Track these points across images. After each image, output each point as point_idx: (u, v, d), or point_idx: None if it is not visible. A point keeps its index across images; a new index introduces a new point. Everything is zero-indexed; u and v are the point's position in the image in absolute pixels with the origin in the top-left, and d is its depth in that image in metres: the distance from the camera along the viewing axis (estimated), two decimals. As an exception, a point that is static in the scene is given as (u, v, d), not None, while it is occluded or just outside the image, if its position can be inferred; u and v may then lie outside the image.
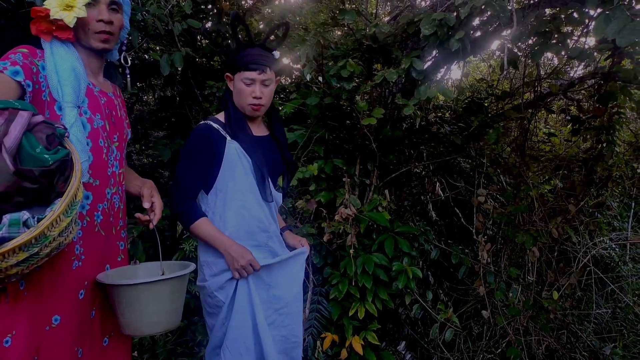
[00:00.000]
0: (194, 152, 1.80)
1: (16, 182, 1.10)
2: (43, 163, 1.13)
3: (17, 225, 1.09)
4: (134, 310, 1.41)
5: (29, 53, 1.37)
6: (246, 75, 1.78)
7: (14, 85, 1.28)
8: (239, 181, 1.80)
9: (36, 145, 1.14)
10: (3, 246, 1.06)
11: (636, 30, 1.59)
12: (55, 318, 1.36)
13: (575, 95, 3.87)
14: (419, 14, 2.38)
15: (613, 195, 4.17)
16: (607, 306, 3.28)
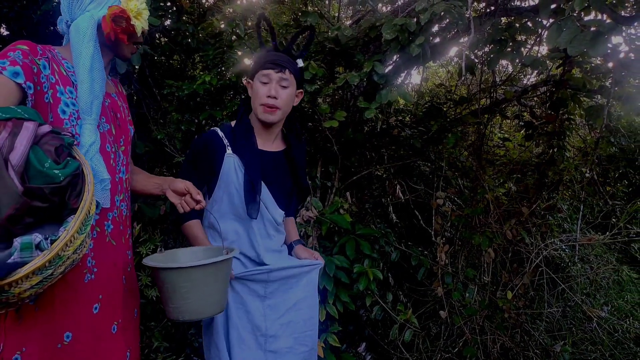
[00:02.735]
0: (193, 159, 1.79)
1: (26, 203, 1.00)
2: (53, 179, 1.04)
3: (29, 249, 1.00)
4: (198, 291, 1.38)
5: (29, 50, 1.26)
6: (263, 73, 1.72)
7: (14, 88, 1.18)
8: (234, 196, 1.77)
9: (44, 160, 1.05)
10: (16, 273, 0.97)
11: (585, 40, 1.67)
12: (67, 335, 1.29)
13: (528, 101, 4.01)
14: (381, 19, 2.41)
15: (563, 199, 4.35)
16: (557, 305, 3.41)
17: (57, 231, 1.06)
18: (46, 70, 1.29)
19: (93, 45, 1.34)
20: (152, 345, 2.52)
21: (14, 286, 0.99)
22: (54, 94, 1.30)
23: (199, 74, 2.84)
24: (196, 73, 3.03)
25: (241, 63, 2.72)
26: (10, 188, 0.98)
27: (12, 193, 0.98)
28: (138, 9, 1.36)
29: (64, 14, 1.42)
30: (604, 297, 3.95)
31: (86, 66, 1.32)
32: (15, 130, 1.04)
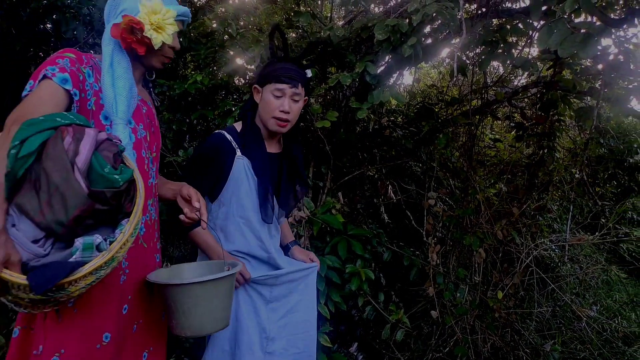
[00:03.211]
0: (202, 162, 1.76)
1: (91, 205, 1.05)
2: (113, 184, 1.09)
3: (90, 250, 1.06)
4: (200, 308, 1.38)
5: (76, 59, 1.30)
6: (277, 87, 1.74)
7: (62, 94, 1.22)
8: (243, 199, 1.77)
9: (104, 165, 1.10)
10: (77, 271, 1.02)
11: (576, 42, 1.68)
12: (106, 335, 1.32)
13: (519, 103, 4.04)
14: (373, 19, 2.41)
15: (553, 199, 4.38)
16: (547, 305, 3.44)
17: (110, 233, 1.12)
18: (90, 78, 1.33)
19: (112, 47, 1.38)
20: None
21: (73, 285, 1.03)
22: (97, 101, 1.34)
23: (191, 74, 2.83)
24: (187, 72, 3.02)
25: (233, 63, 2.71)
26: (77, 190, 1.03)
27: (78, 195, 1.03)
28: (160, 23, 1.38)
29: (105, 22, 1.46)
30: (593, 297, 4.00)
31: (106, 64, 1.35)
32: (78, 136, 1.08)
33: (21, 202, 1.03)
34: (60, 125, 1.08)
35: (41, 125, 1.06)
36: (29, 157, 1.01)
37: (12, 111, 1.15)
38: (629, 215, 5.74)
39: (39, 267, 1.02)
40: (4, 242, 0.97)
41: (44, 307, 1.11)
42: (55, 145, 1.04)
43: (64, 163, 1.03)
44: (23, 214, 1.04)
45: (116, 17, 1.40)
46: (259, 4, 3.39)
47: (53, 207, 1.02)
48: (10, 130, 1.06)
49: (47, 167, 1.02)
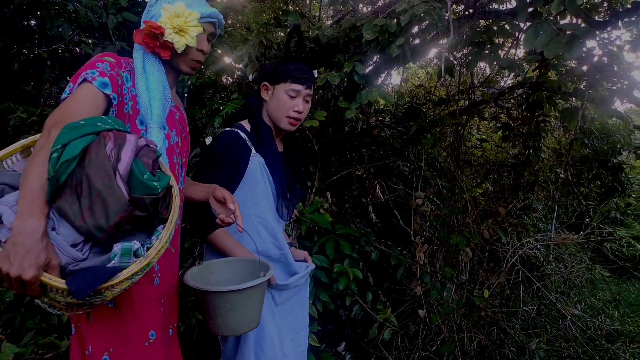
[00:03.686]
0: (218, 160, 1.72)
1: (131, 211, 1.06)
2: (152, 190, 1.10)
3: (128, 255, 1.06)
4: (237, 312, 1.43)
5: (116, 63, 1.31)
6: (293, 87, 1.74)
7: (102, 98, 1.22)
8: (259, 197, 1.75)
9: (144, 172, 1.11)
10: (116, 277, 1.03)
11: (561, 43, 1.70)
12: (152, 333, 1.34)
13: (505, 103, 4.08)
14: (361, 19, 2.41)
15: (538, 199, 4.43)
16: (532, 303, 3.48)
17: (145, 239, 1.13)
18: (128, 82, 1.33)
19: (142, 51, 1.38)
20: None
21: (109, 289, 1.04)
22: (134, 106, 1.34)
23: (178, 72, 2.80)
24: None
25: (221, 62, 2.70)
26: (119, 196, 1.04)
27: (120, 201, 1.04)
28: (182, 26, 1.37)
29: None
30: (577, 295, 4.05)
31: (139, 69, 1.36)
32: (119, 142, 1.09)
33: (62, 206, 1.03)
34: (102, 131, 1.09)
35: (82, 130, 1.06)
36: (71, 161, 1.02)
37: (51, 114, 1.15)
38: (613, 215, 5.84)
39: (78, 272, 1.02)
40: (45, 246, 0.98)
41: (78, 310, 1.12)
42: (98, 151, 1.05)
43: (106, 169, 1.04)
44: (63, 218, 1.05)
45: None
46: (247, 3, 3.37)
47: (94, 213, 1.03)
48: (51, 133, 1.07)
49: (89, 173, 1.03)
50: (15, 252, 0.95)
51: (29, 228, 0.97)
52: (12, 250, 0.95)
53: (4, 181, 1.12)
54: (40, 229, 0.98)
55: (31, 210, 0.99)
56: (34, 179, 1.01)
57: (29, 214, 0.98)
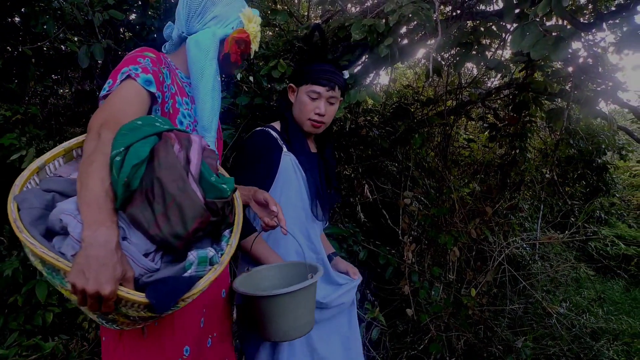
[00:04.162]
0: (251, 160, 1.67)
1: (207, 216, 0.99)
2: (222, 193, 1.03)
3: (204, 264, 1.00)
4: (288, 316, 1.38)
5: (157, 59, 1.23)
6: (313, 89, 1.69)
7: (146, 96, 1.15)
8: (292, 197, 1.70)
9: (211, 174, 1.04)
10: (195, 287, 0.96)
11: (548, 45, 1.72)
12: (186, 349, 1.26)
13: (492, 104, 4.12)
14: (350, 19, 2.42)
15: (525, 198, 4.48)
16: (519, 302, 3.51)
17: (209, 245, 1.06)
18: (168, 79, 1.26)
19: (216, 62, 1.32)
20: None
21: (184, 300, 0.96)
22: (174, 104, 1.28)
23: (165, 71, 2.78)
24: (162, 70, 2.97)
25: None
26: (195, 201, 0.97)
27: (196, 206, 0.97)
28: (255, 32, 1.36)
29: (180, 24, 1.39)
30: (562, 294, 4.10)
31: (209, 85, 1.30)
32: (185, 143, 1.03)
33: (134, 213, 0.95)
34: (162, 131, 1.02)
35: (143, 131, 0.99)
36: (140, 165, 0.95)
37: (95, 113, 1.08)
38: (597, 215, 5.93)
39: (154, 283, 0.94)
40: (120, 258, 0.89)
41: (143, 324, 1.05)
42: (167, 153, 0.98)
43: (179, 172, 0.97)
44: (135, 226, 0.97)
45: (205, 24, 1.35)
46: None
47: (170, 219, 0.95)
48: (102, 135, 0.99)
49: (162, 177, 0.95)
50: (89, 266, 0.85)
51: (101, 238, 0.88)
52: (86, 264, 0.85)
53: (53, 188, 1.02)
54: (114, 239, 0.89)
55: (100, 218, 0.90)
56: (96, 185, 0.92)
57: (98, 223, 0.89)
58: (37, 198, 0.98)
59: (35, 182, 1.06)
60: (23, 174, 1.02)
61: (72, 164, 1.14)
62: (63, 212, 0.93)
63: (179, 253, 1.00)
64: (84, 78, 3.14)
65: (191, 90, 1.36)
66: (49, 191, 1.01)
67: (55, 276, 0.92)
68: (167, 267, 0.99)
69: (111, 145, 0.97)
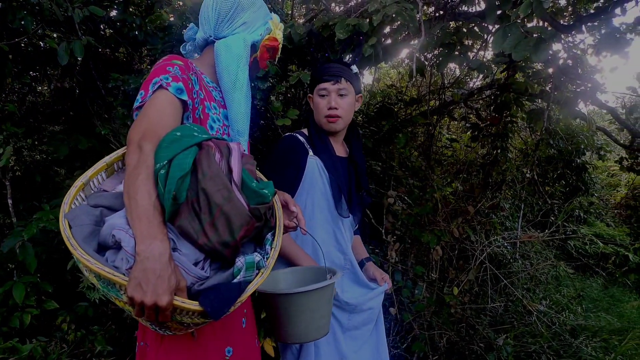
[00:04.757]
0: (280, 164, 1.71)
1: (253, 223, 1.02)
2: (264, 199, 1.05)
3: (252, 269, 1.03)
4: (305, 316, 1.39)
5: (185, 66, 1.23)
6: (320, 87, 1.75)
7: (178, 104, 1.16)
8: (318, 198, 1.73)
9: (252, 180, 1.06)
10: (245, 292, 0.99)
11: (529, 46, 1.74)
12: (228, 350, 1.27)
13: (474, 104, 4.16)
14: (334, 18, 2.42)
15: (506, 198, 4.53)
16: (500, 300, 3.55)
17: (252, 249, 1.09)
18: (196, 85, 1.27)
19: (247, 69, 1.33)
20: (94, 350, 2.42)
21: (235, 305, 0.99)
22: (204, 110, 1.29)
23: (147, 68, 2.75)
24: (143, 67, 2.93)
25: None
26: (240, 209, 0.99)
27: (242, 214, 1.00)
28: (281, 39, 1.39)
29: (208, 28, 1.40)
30: (542, 292, 4.16)
31: (243, 91, 1.32)
32: (224, 151, 1.06)
33: (183, 224, 0.99)
34: (201, 141, 1.05)
35: (183, 142, 1.02)
36: (185, 177, 0.98)
37: (132, 125, 1.10)
38: (576, 214, 6.03)
39: (207, 291, 0.98)
40: (173, 269, 0.93)
41: (195, 328, 1.07)
42: (210, 163, 1.01)
43: (224, 182, 1.00)
44: (184, 236, 1.00)
45: (234, 30, 1.36)
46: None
47: (217, 229, 0.98)
48: (143, 148, 1.02)
49: (207, 187, 0.98)
50: (147, 279, 0.89)
51: (156, 252, 0.91)
52: (143, 277, 0.89)
53: (100, 203, 1.06)
54: (167, 252, 0.93)
55: (152, 232, 0.93)
56: (144, 199, 0.95)
57: (152, 237, 0.93)
58: (87, 215, 1.01)
59: (81, 197, 1.09)
60: (70, 192, 1.05)
61: (115, 177, 1.18)
62: (114, 228, 0.96)
63: (227, 260, 1.03)
64: (63, 75, 3.08)
65: (218, 94, 1.38)
66: (96, 207, 1.05)
67: (111, 289, 0.95)
68: (216, 274, 1.03)
69: (153, 158, 1.00)
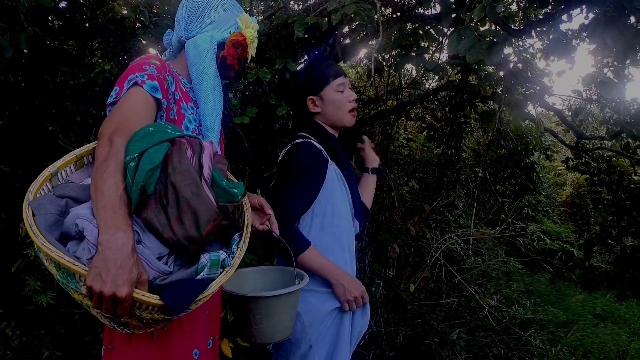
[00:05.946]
0: (303, 173, 1.63)
1: (220, 220, 1.02)
2: (233, 198, 1.06)
3: (216, 266, 1.03)
4: (272, 319, 1.41)
5: (161, 66, 1.24)
6: (338, 82, 1.73)
7: (152, 102, 1.16)
8: (338, 206, 1.68)
9: (222, 178, 1.08)
10: (208, 289, 0.99)
11: (482, 49, 1.79)
12: (195, 352, 1.27)
13: (430, 104, 4.25)
14: (293, 16, 2.40)
15: (460, 196, 4.66)
16: (454, 296, 3.65)
17: (218, 249, 1.09)
18: (172, 86, 1.27)
19: (214, 65, 1.34)
20: (41, 355, 2.31)
21: (196, 302, 0.98)
22: (179, 110, 1.29)
23: (98, 62, 2.64)
24: (94, 61, 2.82)
25: (146, 53, 2.57)
26: (208, 205, 0.99)
27: (210, 210, 0.99)
28: (253, 37, 1.37)
29: (179, 29, 1.41)
30: (494, 287, 4.30)
31: (209, 85, 1.32)
32: (196, 149, 1.06)
33: (148, 216, 0.98)
34: (174, 138, 1.05)
35: (155, 137, 1.02)
36: (154, 170, 0.98)
37: (105, 120, 1.10)
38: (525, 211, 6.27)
39: (169, 286, 0.97)
40: (135, 261, 0.92)
41: (154, 327, 1.06)
42: (181, 158, 1.01)
43: (193, 177, 1.00)
44: (149, 229, 0.99)
45: (203, 29, 1.35)
46: (175, -7, 3.25)
47: (184, 223, 0.98)
48: (114, 141, 1.01)
49: (176, 181, 0.98)
50: (107, 269, 0.88)
51: (119, 242, 0.90)
52: (103, 266, 0.88)
53: (66, 194, 1.05)
54: (130, 243, 0.92)
55: (116, 223, 0.92)
56: (110, 190, 0.95)
57: (116, 227, 0.91)
58: (52, 204, 1.00)
59: (47, 188, 1.07)
60: (37, 180, 1.04)
61: (83, 171, 1.17)
62: (78, 217, 0.96)
63: (191, 256, 1.03)
64: (7, 68, 2.92)
65: (195, 94, 1.38)
66: (62, 197, 1.04)
67: (70, 280, 0.93)
68: (179, 270, 1.03)
69: (124, 151, 1.00)
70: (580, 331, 3.80)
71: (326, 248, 1.68)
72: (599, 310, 4.65)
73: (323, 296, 1.67)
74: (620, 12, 1.73)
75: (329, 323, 1.66)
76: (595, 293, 5.21)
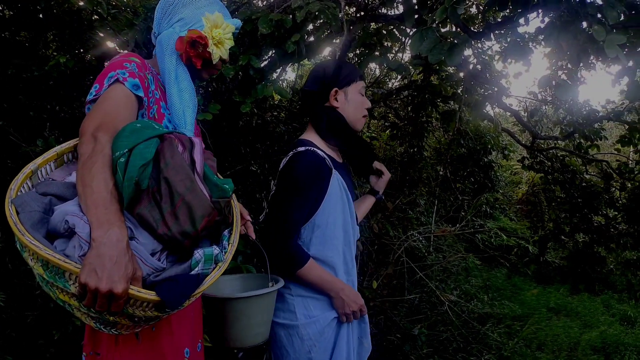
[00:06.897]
0: (304, 187, 1.54)
1: (214, 215, 1.01)
2: (225, 193, 1.06)
3: (210, 261, 1.02)
4: (241, 322, 1.40)
5: (142, 64, 1.23)
6: (362, 84, 1.71)
7: (134, 100, 1.15)
8: (340, 217, 1.61)
9: (213, 174, 1.07)
10: (202, 284, 0.98)
11: (444, 50, 1.83)
12: (186, 351, 1.26)
13: (393, 103, 4.31)
14: (257, 13, 2.38)
15: (421, 194, 4.75)
16: (416, 292, 3.72)
17: (208, 245, 1.08)
18: (152, 85, 1.26)
19: (175, 58, 1.32)
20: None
21: (190, 299, 0.98)
22: (159, 110, 1.28)
23: (53, 55, 2.54)
24: (49, 53, 2.71)
25: (103, 45, 2.50)
26: (203, 199, 0.99)
27: (205, 204, 0.99)
28: (221, 38, 1.33)
29: (155, 26, 1.42)
30: (453, 283, 4.41)
31: (171, 77, 1.30)
32: (187, 145, 1.06)
33: (142, 212, 0.97)
34: (162, 134, 1.04)
35: (144, 133, 1.01)
36: (147, 165, 0.96)
37: (86, 117, 1.07)
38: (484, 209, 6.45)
39: (164, 282, 0.95)
40: (130, 257, 0.90)
41: (143, 327, 1.05)
42: (174, 154, 1.00)
43: (187, 172, 1.00)
44: (142, 225, 0.98)
45: (171, 25, 1.33)
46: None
47: (178, 218, 0.97)
48: (98, 138, 0.99)
49: (169, 177, 0.98)
50: (102, 265, 0.85)
51: (113, 238, 0.88)
52: (99, 262, 0.85)
53: (49, 191, 1.02)
54: (125, 239, 0.90)
55: (109, 218, 0.90)
56: (100, 186, 0.93)
57: (109, 223, 0.89)
58: (35, 202, 0.98)
59: (28, 186, 1.05)
60: (17, 178, 1.02)
61: (64, 169, 1.15)
62: (67, 214, 0.93)
63: (184, 253, 1.02)
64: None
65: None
66: (45, 195, 1.02)
67: (59, 280, 0.90)
68: (172, 266, 1.02)
69: (111, 147, 0.99)
70: (535, 324, 3.95)
71: (327, 261, 1.63)
72: (552, 304, 4.85)
73: (323, 304, 1.64)
74: (574, 17, 1.80)
75: (329, 334, 1.63)
76: (549, 287, 5.43)
